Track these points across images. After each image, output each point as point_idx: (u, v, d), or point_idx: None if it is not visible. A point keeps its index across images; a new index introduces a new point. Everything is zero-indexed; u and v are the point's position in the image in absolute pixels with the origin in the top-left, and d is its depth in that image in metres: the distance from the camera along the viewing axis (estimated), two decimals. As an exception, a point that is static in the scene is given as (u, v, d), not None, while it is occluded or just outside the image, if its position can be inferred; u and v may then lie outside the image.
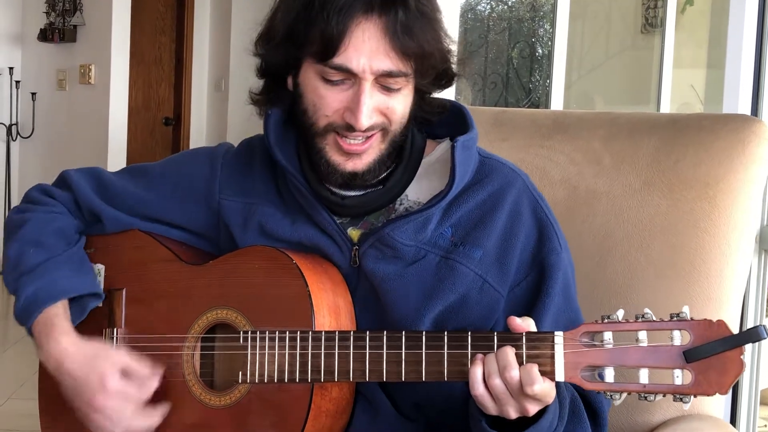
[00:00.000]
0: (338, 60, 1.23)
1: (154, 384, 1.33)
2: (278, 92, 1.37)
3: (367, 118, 1.25)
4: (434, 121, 1.38)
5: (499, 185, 1.36)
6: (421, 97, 1.34)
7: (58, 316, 1.36)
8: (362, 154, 1.29)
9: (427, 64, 1.27)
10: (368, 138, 1.28)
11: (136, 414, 1.32)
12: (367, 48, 1.22)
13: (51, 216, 1.46)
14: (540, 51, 5.43)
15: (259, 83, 1.41)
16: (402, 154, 1.36)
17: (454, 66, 1.34)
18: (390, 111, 1.28)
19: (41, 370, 1.47)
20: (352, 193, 1.35)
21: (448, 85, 1.37)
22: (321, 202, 1.35)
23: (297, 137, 1.38)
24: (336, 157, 1.30)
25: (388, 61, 1.23)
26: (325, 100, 1.27)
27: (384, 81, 1.25)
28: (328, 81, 1.26)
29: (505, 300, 1.33)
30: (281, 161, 1.36)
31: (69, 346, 1.34)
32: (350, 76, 1.25)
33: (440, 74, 1.33)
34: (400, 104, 1.29)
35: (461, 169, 1.31)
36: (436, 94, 1.39)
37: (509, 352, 1.15)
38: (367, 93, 1.24)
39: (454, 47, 1.33)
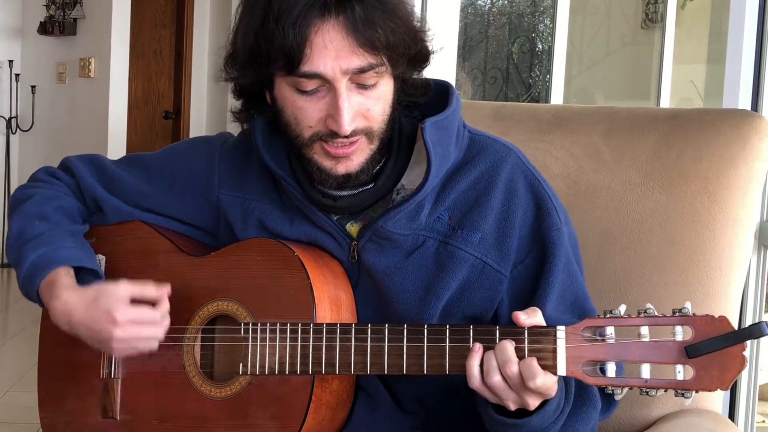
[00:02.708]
0: (305, 68, 1.20)
1: (165, 305, 1.33)
2: (259, 107, 1.35)
3: (349, 122, 1.22)
4: (420, 102, 1.36)
5: (492, 163, 1.34)
6: (402, 81, 1.31)
7: (59, 274, 1.35)
8: (351, 156, 1.27)
9: (398, 52, 1.25)
10: (353, 143, 1.26)
11: (154, 332, 1.31)
12: (332, 50, 1.19)
13: (56, 194, 1.47)
14: (540, 46, 5.42)
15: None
16: (391, 147, 1.34)
17: (428, 44, 1.31)
18: (370, 113, 1.25)
19: (40, 363, 1.47)
20: (345, 193, 1.34)
21: (425, 65, 1.33)
22: (315, 204, 1.34)
23: (286, 141, 1.35)
24: (326, 163, 1.28)
25: (356, 59, 1.20)
26: (305, 111, 1.25)
27: (358, 79, 1.22)
28: (303, 92, 1.24)
29: (509, 279, 1.32)
30: (272, 166, 1.35)
31: (70, 298, 1.33)
32: (324, 82, 1.22)
33: (415, 57, 1.29)
34: (379, 102, 1.26)
35: (437, 150, 1.28)
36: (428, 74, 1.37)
37: (508, 346, 1.15)
38: (344, 96, 1.22)
39: (423, 24, 1.30)
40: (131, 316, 1.30)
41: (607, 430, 1.55)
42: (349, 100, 1.22)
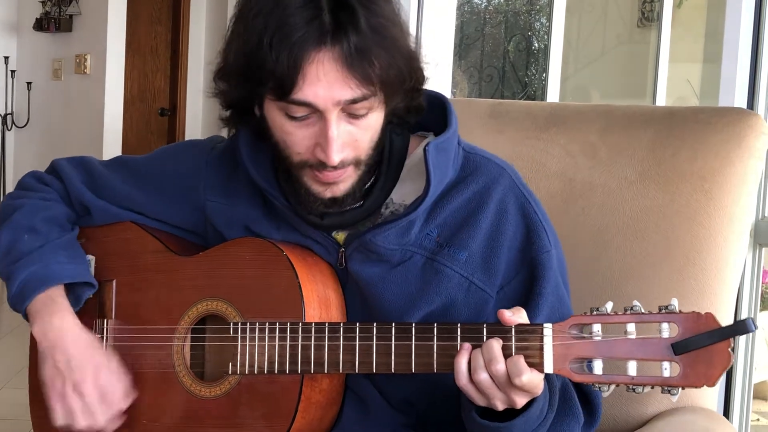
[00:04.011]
0: (296, 96, 1.17)
1: (128, 400, 1.35)
2: (247, 118, 1.32)
3: (337, 153, 1.20)
4: (412, 122, 1.34)
5: (484, 183, 1.33)
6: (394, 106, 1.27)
7: (61, 296, 1.37)
8: (339, 183, 1.25)
9: (393, 87, 1.21)
10: (341, 170, 1.24)
11: (104, 416, 1.32)
12: (324, 81, 1.16)
13: (45, 203, 1.46)
14: (536, 45, 5.41)
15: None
16: (380, 165, 1.32)
17: (424, 70, 1.28)
18: (358, 144, 1.23)
19: (31, 361, 1.46)
20: (331, 211, 1.31)
21: (419, 95, 1.30)
22: (301, 219, 1.33)
23: (272, 153, 1.33)
24: (315, 187, 1.26)
25: (348, 90, 1.17)
26: (293, 137, 1.23)
27: (349, 109, 1.19)
28: (292, 117, 1.21)
29: (495, 300, 1.32)
30: (258, 181, 1.33)
31: (74, 327, 1.35)
32: (314, 110, 1.19)
33: (410, 89, 1.26)
34: (368, 132, 1.24)
35: (437, 173, 1.27)
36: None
37: (495, 345, 1.15)
38: (334, 126, 1.19)
39: (419, 50, 1.27)
40: (107, 387, 1.32)
41: (602, 428, 1.54)
42: (338, 129, 1.20)
